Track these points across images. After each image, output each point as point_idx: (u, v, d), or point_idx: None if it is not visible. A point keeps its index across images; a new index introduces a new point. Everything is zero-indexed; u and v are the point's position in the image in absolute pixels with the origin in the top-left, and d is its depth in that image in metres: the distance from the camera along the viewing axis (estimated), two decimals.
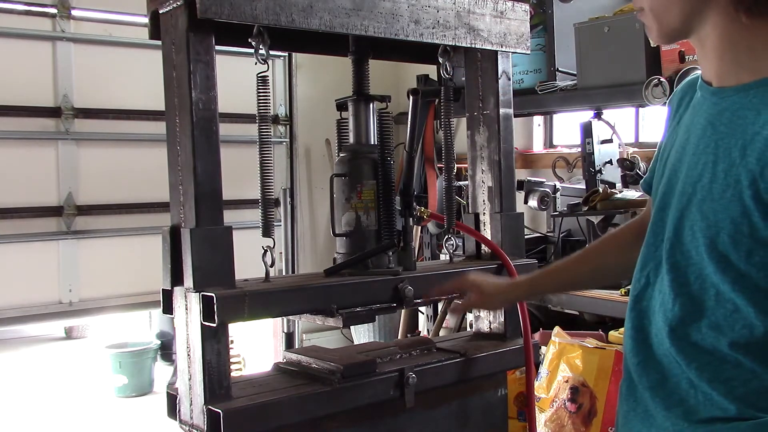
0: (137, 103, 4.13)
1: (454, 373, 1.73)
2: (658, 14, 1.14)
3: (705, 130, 1.12)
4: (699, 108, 1.17)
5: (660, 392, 1.16)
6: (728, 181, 1.05)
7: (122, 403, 5.47)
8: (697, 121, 1.15)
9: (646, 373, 1.18)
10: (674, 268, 1.13)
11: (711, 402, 1.09)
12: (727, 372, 1.07)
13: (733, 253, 1.05)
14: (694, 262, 1.10)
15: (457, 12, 1.73)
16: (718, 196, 1.06)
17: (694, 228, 1.10)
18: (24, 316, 3.95)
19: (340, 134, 1.91)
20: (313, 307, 1.58)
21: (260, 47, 1.51)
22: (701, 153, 1.11)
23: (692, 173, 1.12)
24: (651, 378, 1.17)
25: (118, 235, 4.13)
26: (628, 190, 3.07)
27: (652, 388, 1.17)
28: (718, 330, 1.08)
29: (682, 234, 1.12)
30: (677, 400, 1.13)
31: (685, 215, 1.12)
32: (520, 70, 3.24)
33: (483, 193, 1.93)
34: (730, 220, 1.04)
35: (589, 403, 2.63)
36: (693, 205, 1.10)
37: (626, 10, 2.88)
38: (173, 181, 1.50)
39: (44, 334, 8.23)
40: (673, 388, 1.14)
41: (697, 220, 1.09)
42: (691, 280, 1.11)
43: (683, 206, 1.13)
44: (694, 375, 1.10)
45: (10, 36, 3.81)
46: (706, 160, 1.09)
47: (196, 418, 1.45)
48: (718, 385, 1.08)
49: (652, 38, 1.20)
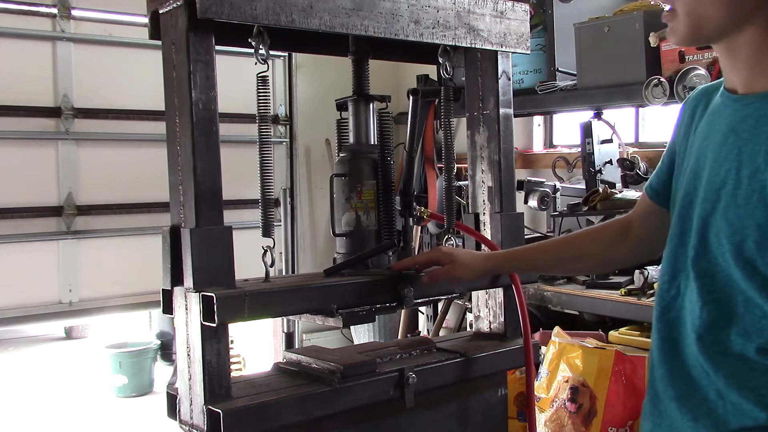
0: (137, 103, 4.13)
1: (454, 373, 1.73)
2: (695, 19, 1.12)
3: (727, 137, 1.11)
4: (719, 115, 1.15)
5: (687, 403, 1.14)
6: (753, 186, 1.04)
7: (122, 403, 5.47)
8: (718, 128, 1.14)
9: (672, 384, 1.16)
10: (701, 276, 1.12)
11: (740, 411, 1.07)
12: (755, 379, 1.06)
13: (759, 259, 1.04)
14: (721, 269, 1.09)
15: (457, 12, 1.73)
16: (743, 202, 1.05)
17: (720, 235, 1.09)
18: (24, 316, 3.95)
19: (340, 134, 1.91)
20: (313, 307, 1.58)
21: (260, 47, 1.51)
22: (724, 159, 1.10)
23: (715, 180, 1.11)
24: (677, 388, 1.15)
25: (118, 235, 4.13)
26: (628, 190, 3.07)
27: (678, 398, 1.15)
28: (747, 336, 1.06)
29: (708, 241, 1.11)
30: (705, 411, 1.11)
31: (709, 222, 1.11)
32: (520, 70, 3.24)
33: (483, 193, 1.93)
34: (756, 226, 1.03)
35: (589, 403, 2.63)
36: (717, 211, 1.09)
37: (626, 10, 2.88)
38: (173, 181, 1.50)
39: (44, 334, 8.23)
40: (701, 399, 1.11)
41: (722, 226, 1.08)
42: (720, 286, 1.09)
43: (707, 213, 1.11)
44: (722, 383, 1.09)
45: (10, 36, 3.81)
46: (730, 166, 1.08)
47: (196, 418, 1.44)
48: (747, 392, 1.06)
49: (676, 40, 1.18)
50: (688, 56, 2.57)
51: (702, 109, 1.23)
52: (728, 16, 1.09)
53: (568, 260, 1.63)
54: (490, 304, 1.92)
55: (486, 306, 1.93)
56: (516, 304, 1.84)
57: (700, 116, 1.23)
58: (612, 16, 2.91)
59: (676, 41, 1.19)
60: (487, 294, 1.92)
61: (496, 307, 1.90)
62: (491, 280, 1.82)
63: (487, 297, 1.92)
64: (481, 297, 1.94)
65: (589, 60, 2.93)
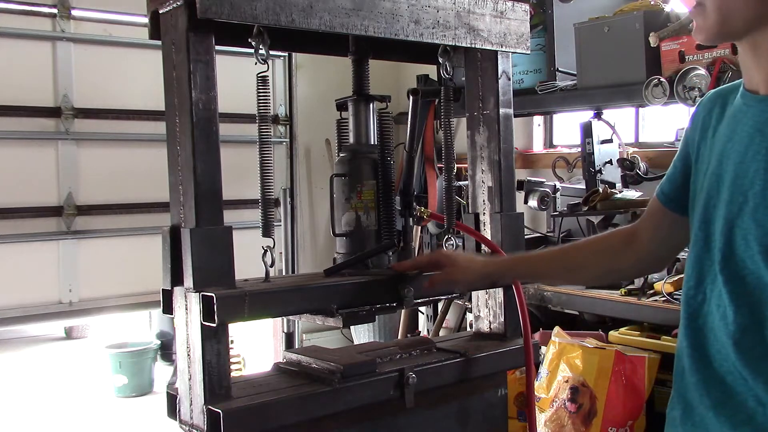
0: (137, 103, 4.13)
1: (454, 373, 1.73)
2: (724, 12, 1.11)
3: (753, 138, 1.10)
4: (742, 116, 1.14)
5: (724, 411, 1.12)
6: None
7: (122, 403, 5.47)
8: (742, 129, 1.12)
9: (708, 392, 1.14)
10: (731, 280, 1.10)
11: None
12: None
13: None
14: (750, 271, 1.07)
15: (457, 12, 1.73)
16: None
17: (748, 237, 1.07)
18: (24, 316, 3.94)
19: (340, 134, 1.91)
20: (313, 307, 1.58)
21: (260, 47, 1.51)
22: (751, 161, 1.08)
23: (742, 182, 1.09)
24: (713, 396, 1.13)
25: (118, 235, 4.13)
26: (628, 190, 3.07)
27: (716, 407, 1.13)
28: None
29: (735, 244, 1.09)
30: (744, 418, 1.09)
31: (736, 224, 1.09)
32: (520, 70, 3.24)
33: (483, 193, 1.93)
34: None
35: (589, 403, 2.63)
36: (745, 213, 1.08)
37: (626, 10, 2.88)
38: (173, 181, 1.50)
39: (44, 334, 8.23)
40: (739, 406, 1.09)
41: (751, 228, 1.07)
42: (750, 289, 1.08)
43: (733, 216, 1.10)
44: (761, 390, 1.07)
45: (10, 36, 3.81)
46: (757, 167, 1.07)
47: (196, 418, 1.44)
48: None
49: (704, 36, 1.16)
50: (688, 56, 2.57)
51: (719, 111, 1.21)
52: (758, 9, 1.08)
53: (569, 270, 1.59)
54: (490, 304, 1.92)
55: (486, 306, 1.93)
56: (516, 304, 1.83)
57: (718, 119, 1.21)
58: (612, 16, 2.91)
59: (703, 37, 1.16)
60: (487, 294, 1.92)
61: (496, 307, 1.90)
62: (491, 282, 1.82)
63: (487, 297, 1.92)
64: (481, 297, 1.94)
65: (589, 60, 2.93)
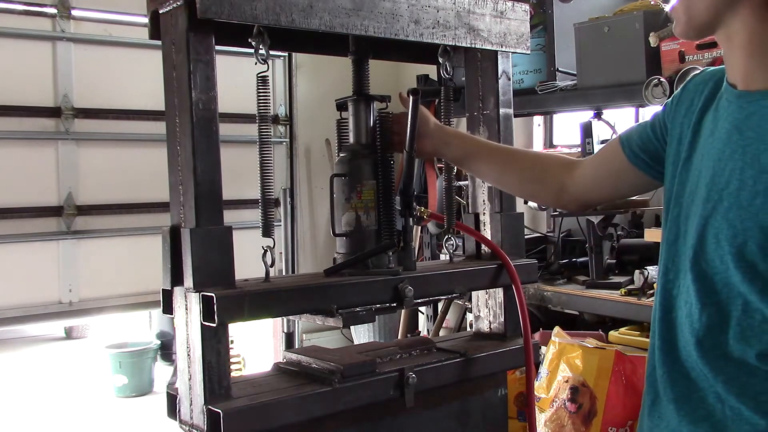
0: (137, 103, 4.14)
1: (454, 373, 1.73)
2: (688, 6, 1.11)
3: (731, 135, 1.08)
4: (723, 111, 1.13)
5: (685, 406, 1.12)
6: (757, 188, 1.01)
7: (122, 403, 5.48)
8: (722, 126, 1.11)
9: (672, 385, 1.15)
10: (700, 278, 1.10)
11: (739, 417, 1.05)
12: (756, 385, 1.04)
13: (761, 262, 1.01)
14: (718, 271, 1.07)
15: (457, 12, 1.73)
16: (747, 203, 1.02)
17: (719, 236, 1.06)
18: (24, 316, 3.95)
19: (340, 134, 1.91)
20: (313, 307, 1.57)
21: (260, 47, 1.51)
22: (728, 159, 1.07)
23: (719, 180, 1.08)
24: (676, 390, 1.14)
25: (118, 235, 4.14)
26: None
27: (677, 400, 1.14)
28: (746, 341, 1.04)
29: (706, 242, 1.09)
30: (704, 414, 1.09)
31: (709, 223, 1.08)
32: (520, 70, 3.24)
33: (483, 193, 1.93)
34: (759, 229, 1.00)
35: (589, 403, 2.63)
36: (718, 213, 1.07)
37: (626, 10, 2.88)
38: (173, 181, 1.49)
39: (44, 334, 8.24)
40: (700, 402, 1.10)
41: (722, 228, 1.06)
42: (718, 289, 1.07)
43: (707, 214, 1.09)
44: (721, 388, 1.07)
45: (10, 36, 3.82)
46: (734, 166, 1.06)
47: (196, 418, 1.44)
48: (747, 399, 1.05)
49: (679, 32, 1.16)
50: (688, 56, 2.57)
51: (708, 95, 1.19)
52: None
53: (504, 171, 1.67)
54: (490, 304, 1.92)
55: (486, 306, 1.93)
56: (516, 304, 1.83)
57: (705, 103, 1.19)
58: (612, 16, 2.91)
59: (678, 33, 1.17)
60: (487, 294, 1.92)
61: (496, 307, 1.90)
62: (491, 281, 1.82)
63: (487, 297, 1.92)
64: (481, 297, 1.94)
65: (589, 60, 2.93)
